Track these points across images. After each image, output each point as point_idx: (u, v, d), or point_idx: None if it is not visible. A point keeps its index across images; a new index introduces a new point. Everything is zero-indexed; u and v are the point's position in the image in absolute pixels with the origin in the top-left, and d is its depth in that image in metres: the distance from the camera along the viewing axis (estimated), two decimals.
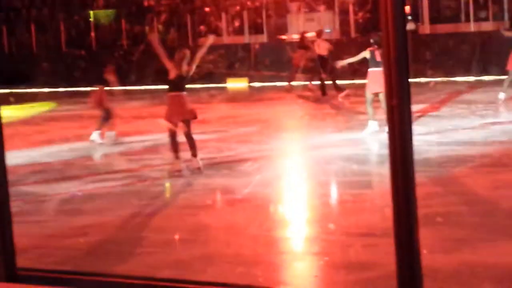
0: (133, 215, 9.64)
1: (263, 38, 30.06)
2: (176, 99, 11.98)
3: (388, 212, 2.81)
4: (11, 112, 21.41)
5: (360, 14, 28.94)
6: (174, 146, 11.98)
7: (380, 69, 15.08)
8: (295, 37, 27.40)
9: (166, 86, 12.19)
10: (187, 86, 12.11)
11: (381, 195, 9.67)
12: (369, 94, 15.22)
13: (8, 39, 32.37)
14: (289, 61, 25.77)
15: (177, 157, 12.03)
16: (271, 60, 28.45)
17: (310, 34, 24.58)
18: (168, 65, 11.97)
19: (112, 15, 32.67)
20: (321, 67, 22.56)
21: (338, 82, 22.40)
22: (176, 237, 8.80)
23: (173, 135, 11.99)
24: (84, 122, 18.49)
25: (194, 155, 11.98)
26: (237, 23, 31.07)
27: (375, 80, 14.89)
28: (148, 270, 7.43)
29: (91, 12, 32.93)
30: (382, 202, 9.04)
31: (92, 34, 31.88)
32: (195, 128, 12.46)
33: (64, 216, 9.87)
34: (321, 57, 22.70)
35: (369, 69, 15.32)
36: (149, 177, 12.05)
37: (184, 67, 11.93)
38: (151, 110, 20.09)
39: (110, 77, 16.14)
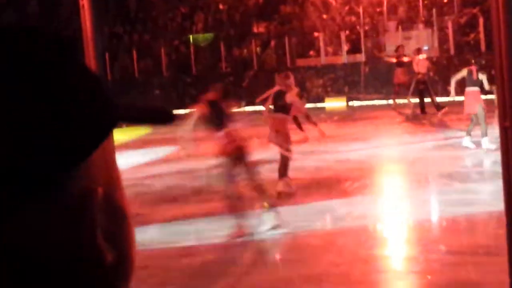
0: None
1: (361, 57, 29.93)
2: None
3: (490, 231, 2.77)
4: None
5: (459, 32, 28.56)
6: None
7: (476, 89, 14.89)
8: (392, 55, 27.23)
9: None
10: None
11: (485, 213, 9.48)
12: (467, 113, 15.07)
13: (111, 65, 32.97)
14: (387, 80, 25.60)
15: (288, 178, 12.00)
16: (370, 79, 28.34)
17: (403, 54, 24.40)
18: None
19: (210, 38, 33.02)
20: (421, 84, 22.34)
21: (438, 99, 22.15)
22: (279, 257, 8.83)
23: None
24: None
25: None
26: (335, 43, 31.05)
27: (471, 100, 14.72)
28: None
29: (191, 36, 33.37)
30: (486, 221, 8.87)
31: (193, 58, 32.25)
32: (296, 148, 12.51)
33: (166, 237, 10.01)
34: (421, 76, 22.47)
35: (466, 88, 15.13)
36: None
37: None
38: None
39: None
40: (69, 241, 1.01)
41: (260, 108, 14.67)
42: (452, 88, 16.38)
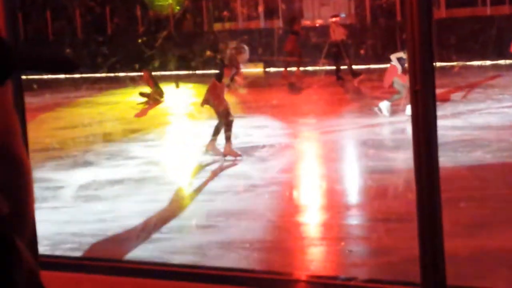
0: (150, 201, 9.63)
1: (279, 23, 29.91)
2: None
3: (410, 196, 2.78)
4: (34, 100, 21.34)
5: None
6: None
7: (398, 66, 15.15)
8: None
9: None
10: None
11: (400, 179, 9.60)
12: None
13: (24, 26, 32.28)
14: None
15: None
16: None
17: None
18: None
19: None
20: (334, 47, 22.45)
21: (354, 67, 22.34)
22: (193, 223, 8.79)
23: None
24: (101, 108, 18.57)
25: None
26: (252, 8, 30.95)
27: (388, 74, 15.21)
28: (164, 255, 7.43)
29: None
30: (402, 186, 8.99)
31: (108, 18, 31.79)
32: (210, 115, 12.47)
33: (80, 202, 9.88)
34: (336, 42, 22.57)
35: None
36: (164, 163, 12.08)
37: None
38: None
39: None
40: None
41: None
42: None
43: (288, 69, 24.05)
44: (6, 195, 1.00)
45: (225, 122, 11.81)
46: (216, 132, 11.92)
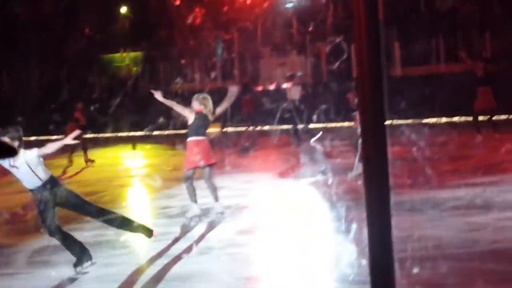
0: (106, 265, 9.48)
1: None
2: (199, 145, 11.96)
3: None
4: None
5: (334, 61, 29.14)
6: (193, 191, 11.96)
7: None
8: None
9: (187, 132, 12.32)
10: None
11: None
12: None
13: None
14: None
15: (195, 202, 12.10)
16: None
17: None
18: (185, 112, 12.01)
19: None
20: (292, 111, 22.52)
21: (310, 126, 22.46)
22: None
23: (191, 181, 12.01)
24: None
25: (216, 199, 12.13)
26: (206, 70, 31.11)
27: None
28: None
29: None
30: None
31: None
32: (166, 178, 12.39)
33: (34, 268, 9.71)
34: (293, 102, 22.65)
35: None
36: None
37: (208, 112, 12.18)
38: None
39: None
40: None
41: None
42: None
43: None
44: None
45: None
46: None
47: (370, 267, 2.72)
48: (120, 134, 26.38)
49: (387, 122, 2.79)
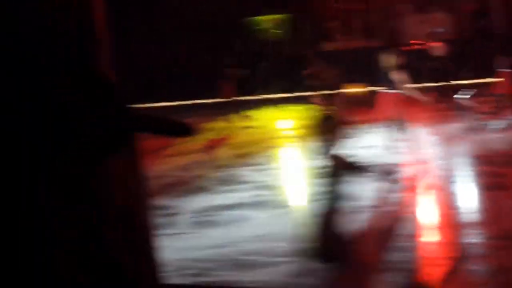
0: (264, 225, 9.73)
1: (379, 42, 29.79)
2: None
3: None
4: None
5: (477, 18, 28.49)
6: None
7: None
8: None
9: None
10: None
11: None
12: None
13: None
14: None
15: None
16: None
17: None
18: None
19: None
20: (437, 67, 22.16)
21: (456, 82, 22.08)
22: (309, 246, 8.85)
23: None
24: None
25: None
26: (351, 29, 30.95)
27: None
28: (285, 279, 7.51)
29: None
30: None
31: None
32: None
33: (197, 228, 10.06)
34: (438, 59, 22.28)
35: None
36: (276, 187, 12.17)
37: None
38: None
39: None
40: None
41: None
42: None
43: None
44: (127, 252, 1.12)
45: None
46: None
47: None
48: (268, 96, 26.64)
49: None
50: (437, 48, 22.36)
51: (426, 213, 10.04)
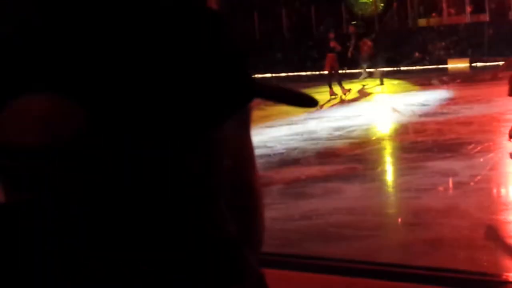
0: (355, 198, 9.69)
1: (485, 17, 29.15)
2: None
3: None
4: None
5: None
6: None
7: None
8: None
9: None
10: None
11: None
12: None
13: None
14: None
15: None
16: (494, 40, 27.59)
17: None
18: None
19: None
20: None
21: None
22: (398, 220, 8.77)
23: None
24: None
25: None
26: (457, 3, 30.34)
27: None
28: (369, 253, 7.45)
29: None
30: None
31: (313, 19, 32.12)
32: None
33: (288, 199, 10.09)
34: None
35: None
36: (369, 161, 12.10)
37: None
38: None
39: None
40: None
41: None
42: None
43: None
44: (236, 219, 1.10)
45: None
46: None
47: None
48: (370, 70, 26.47)
49: None
50: None
51: None
